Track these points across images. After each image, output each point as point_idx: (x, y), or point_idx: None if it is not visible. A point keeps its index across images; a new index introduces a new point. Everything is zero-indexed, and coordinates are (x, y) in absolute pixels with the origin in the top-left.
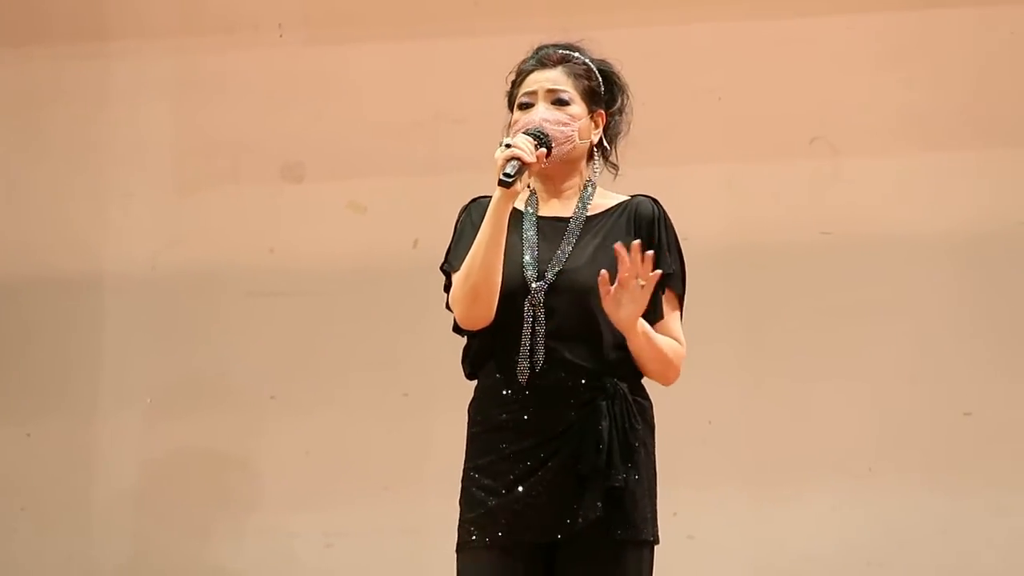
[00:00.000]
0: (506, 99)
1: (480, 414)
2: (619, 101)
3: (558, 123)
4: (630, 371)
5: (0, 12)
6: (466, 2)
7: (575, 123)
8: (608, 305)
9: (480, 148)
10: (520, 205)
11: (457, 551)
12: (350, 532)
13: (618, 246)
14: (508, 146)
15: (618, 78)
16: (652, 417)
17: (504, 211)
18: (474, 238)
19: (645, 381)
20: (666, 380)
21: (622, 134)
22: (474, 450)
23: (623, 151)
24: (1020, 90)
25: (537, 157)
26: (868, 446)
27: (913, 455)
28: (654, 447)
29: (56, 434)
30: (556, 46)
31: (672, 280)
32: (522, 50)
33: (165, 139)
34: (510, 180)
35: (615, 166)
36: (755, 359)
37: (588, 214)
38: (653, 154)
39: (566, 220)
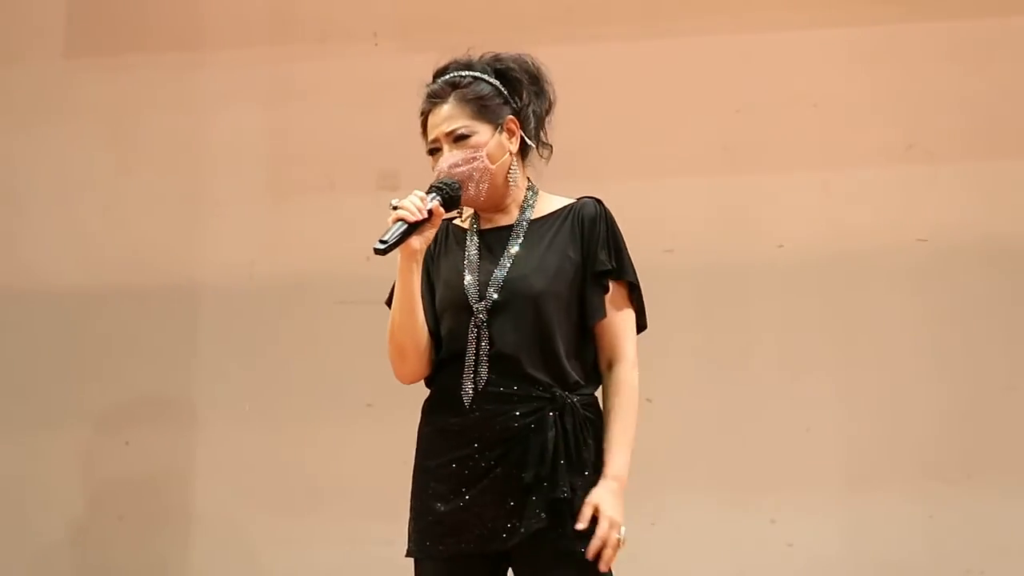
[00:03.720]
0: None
1: (433, 414)
2: (523, 92)
3: (465, 161)
4: (581, 383)
5: (96, 22)
6: (559, 10)
7: (481, 151)
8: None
9: (566, 155)
10: (465, 223)
11: (414, 560)
12: None
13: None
14: (396, 207)
15: (511, 66)
16: (601, 428)
17: (408, 273)
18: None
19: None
20: None
21: (551, 108)
22: (424, 451)
23: (715, 158)
24: None
25: (432, 211)
26: (966, 453)
27: (1012, 462)
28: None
29: (154, 442)
30: (441, 73)
31: (613, 277)
32: (618, 57)
33: (260, 148)
34: (382, 248)
35: (548, 146)
36: (852, 366)
37: (531, 218)
38: (748, 162)
39: (508, 228)
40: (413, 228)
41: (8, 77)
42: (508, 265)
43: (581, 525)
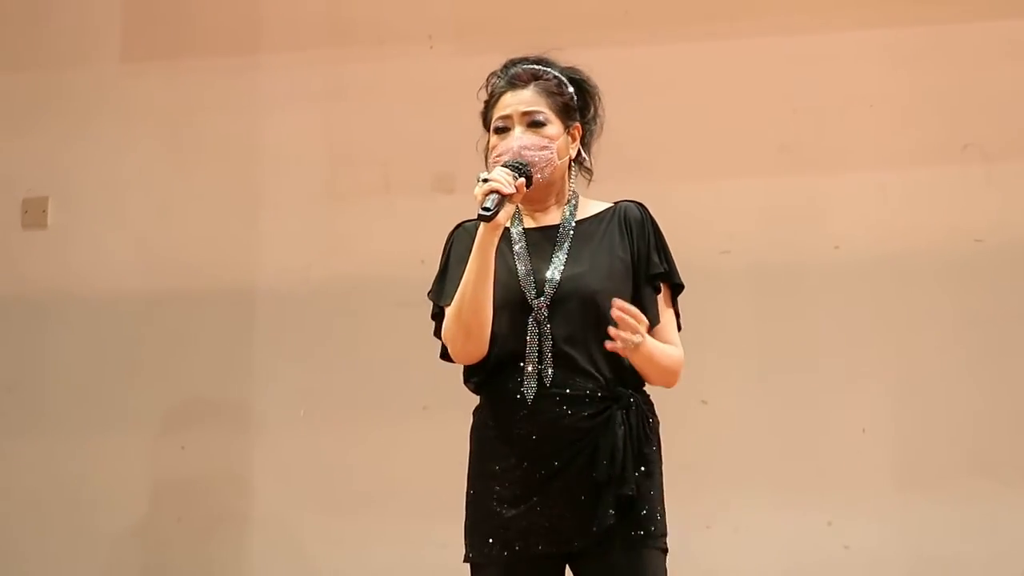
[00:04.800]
0: (480, 118)
1: (492, 418)
2: (592, 108)
3: (537, 147)
4: (641, 381)
5: (152, 26)
6: (617, 11)
7: (553, 144)
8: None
9: (623, 157)
10: (505, 223)
11: (472, 564)
12: None
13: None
14: (486, 180)
15: (588, 84)
16: (658, 428)
17: (490, 246)
18: (460, 271)
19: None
20: (667, 385)
21: (596, 137)
22: (485, 455)
23: (771, 158)
24: None
25: (517, 188)
26: (1022, 454)
27: None
28: (661, 457)
29: (211, 446)
30: (526, 61)
31: (664, 280)
32: (676, 59)
33: (317, 150)
34: (489, 213)
35: (589, 171)
36: (908, 366)
37: (577, 218)
38: (805, 163)
39: (555, 228)
40: (503, 201)
41: (65, 81)
42: (562, 264)
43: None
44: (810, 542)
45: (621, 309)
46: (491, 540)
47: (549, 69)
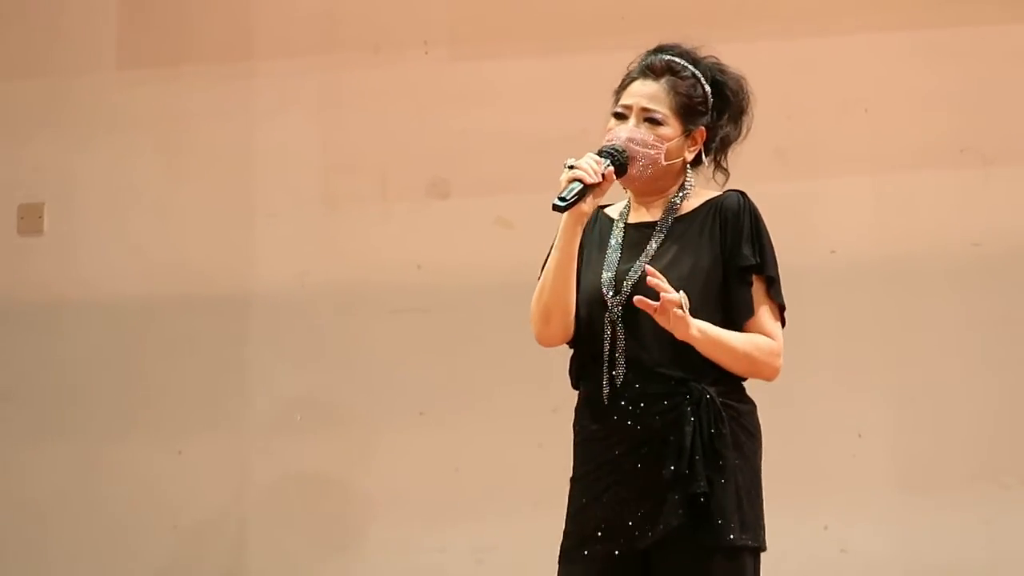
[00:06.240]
0: (613, 98)
1: (578, 424)
2: (731, 109)
3: (644, 144)
4: (723, 374)
5: (148, 33)
6: (613, 16)
7: (663, 145)
8: (661, 321)
9: None
10: (615, 213)
11: (558, 560)
12: (500, 548)
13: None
14: (572, 167)
15: (729, 85)
16: (752, 421)
17: (571, 235)
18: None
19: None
20: (761, 376)
21: (739, 139)
22: (575, 461)
23: (767, 163)
24: None
25: (605, 176)
26: (1020, 458)
27: None
28: (755, 451)
29: (207, 452)
30: (668, 51)
31: (756, 272)
32: None
33: (312, 157)
34: (564, 204)
35: (725, 171)
36: (904, 370)
37: (676, 216)
38: (801, 166)
39: (652, 225)
40: (587, 190)
41: (62, 88)
42: (646, 262)
43: (651, 278)
44: (807, 546)
45: (651, 275)
46: (576, 543)
47: (687, 65)
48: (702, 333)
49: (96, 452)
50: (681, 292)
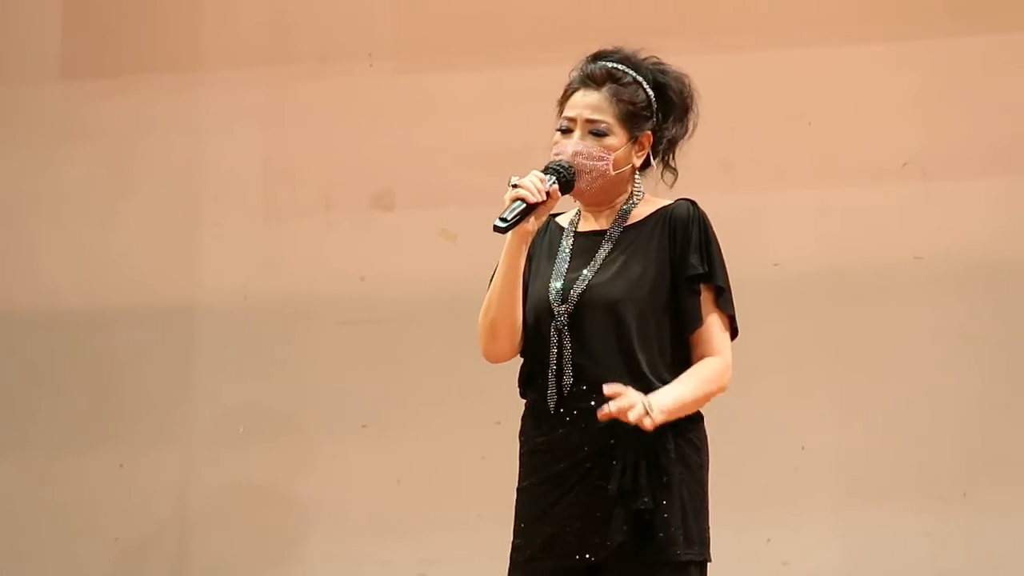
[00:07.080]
0: (557, 108)
1: (524, 435)
2: (675, 110)
3: (591, 157)
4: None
5: (93, 43)
6: (555, 30)
7: (610, 155)
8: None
9: None
10: (565, 221)
11: (508, 573)
12: (444, 559)
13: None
14: (515, 186)
15: (672, 86)
16: (699, 433)
17: (516, 253)
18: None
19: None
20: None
21: (686, 137)
22: (521, 470)
23: (712, 175)
24: None
25: (549, 194)
26: (961, 471)
27: (1008, 479)
28: (700, 464)
29: (149, 464)
30: (607, 56)
31: (704, 281)
32: None
33: (256, 168)
34: (504, 225)
35: (674, 171)
36: (847, 384)
37: (626, 224)
38: (744, 179)
39: (602, 234)
40: (531, 209)
41: (5, 98)
42: (593, 271)
43: (607, 389)
44: (749, 559)
45: (612, 394)
46: (524, 556)
47: (628, 71)
48: (665, 412)
49: (38, 465)
50: (640, 399)
